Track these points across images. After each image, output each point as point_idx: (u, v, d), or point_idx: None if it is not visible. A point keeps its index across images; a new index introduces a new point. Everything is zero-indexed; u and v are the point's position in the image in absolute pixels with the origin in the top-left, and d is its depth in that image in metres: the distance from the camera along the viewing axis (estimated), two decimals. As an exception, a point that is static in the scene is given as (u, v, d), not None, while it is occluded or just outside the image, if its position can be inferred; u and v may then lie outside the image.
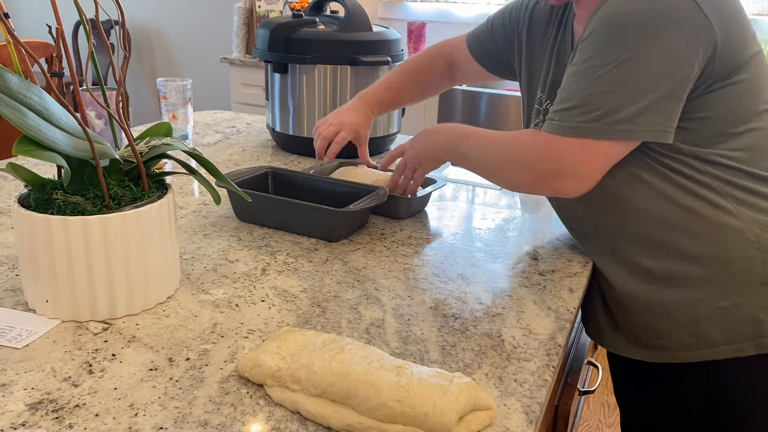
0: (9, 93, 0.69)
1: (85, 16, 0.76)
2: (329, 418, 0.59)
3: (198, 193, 1.25)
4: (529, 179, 0.90)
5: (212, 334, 0.76)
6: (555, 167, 0.86)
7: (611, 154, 0.85)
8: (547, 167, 0.87)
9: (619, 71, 0.81)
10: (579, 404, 1.28)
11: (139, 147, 0.80)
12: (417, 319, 0.81)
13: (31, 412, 0.61)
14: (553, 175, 0.87)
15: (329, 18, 1.51)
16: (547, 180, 0.87)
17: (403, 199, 1.12)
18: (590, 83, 0.83)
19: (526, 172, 0.90)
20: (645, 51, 0.80)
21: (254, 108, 3.18)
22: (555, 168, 0.86)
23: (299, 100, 1.47)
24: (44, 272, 0.74)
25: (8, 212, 1.11)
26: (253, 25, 3.18)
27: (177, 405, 0.63)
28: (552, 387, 0.72)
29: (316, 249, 1.01)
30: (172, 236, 0.82)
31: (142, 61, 4.21)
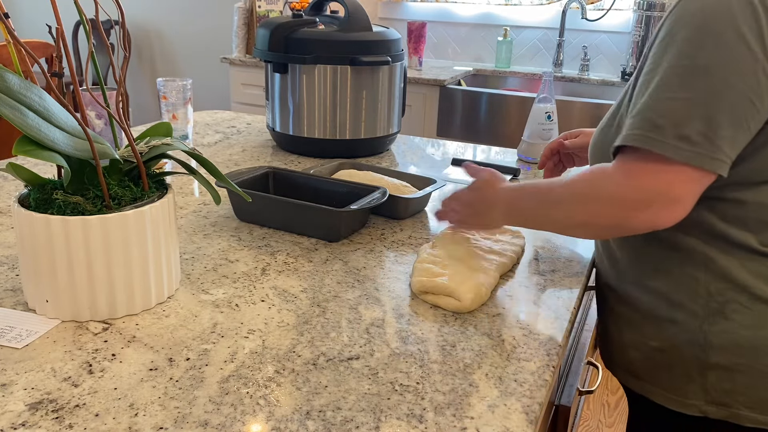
0: (9, 93, 0.69)
1: (85, 16, 0.76)
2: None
3: (198, 193, 1.25)
4: (613, 215, 0.77)
5: (212, 334, 0.76)
6: (643, 195, 0.75)
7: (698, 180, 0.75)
8: (634, 197, 0.75)
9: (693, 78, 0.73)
10: (579, 404, 1.28)
11: (139, 147, 0.80)
12: (417, 319, 0.81)
13: (31, 412, 0.61)
14: (643, 204, 0.75)
15: (329, 18, 1.51)
16: (639, 211, 0.75)
17: (403, 199, 1.12)
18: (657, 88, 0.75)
19: (608, 207, 0.77)
20: (719, 59, 0.72)
21: (254, 108, 3.18)
22: (643, 195, 0.75)
23: (299, 100, 1.47)
24: (44, 272, 0.74)
25: (8, 212, 1.11)
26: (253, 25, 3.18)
27: (177, 405, 0.63)
28: (552, 387, 0.72)
29: (316, 249, 1.01)
30: (172, 236, 0.82)
31: (142, 61, 4.21)
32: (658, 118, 0.74)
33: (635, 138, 0.75)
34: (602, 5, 3.07)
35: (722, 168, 0.74)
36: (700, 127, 0.72)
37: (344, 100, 1.46)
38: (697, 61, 0.73)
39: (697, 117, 0.72)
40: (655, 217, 0.75)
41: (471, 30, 3.36)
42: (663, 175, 0.74)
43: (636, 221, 0.76)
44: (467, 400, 0.66)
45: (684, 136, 0.72)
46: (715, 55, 0.72)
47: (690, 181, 0.74)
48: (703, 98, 0.72)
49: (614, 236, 0.90)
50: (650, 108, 0.75)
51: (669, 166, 0.74)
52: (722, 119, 0.72)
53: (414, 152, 1.61)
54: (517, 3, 3.23)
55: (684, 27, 0.75)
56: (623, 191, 0.76)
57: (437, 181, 1.21)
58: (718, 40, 0.72)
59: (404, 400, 0.66)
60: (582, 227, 0.83)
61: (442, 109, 2.84)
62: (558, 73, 3.05)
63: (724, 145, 0.73)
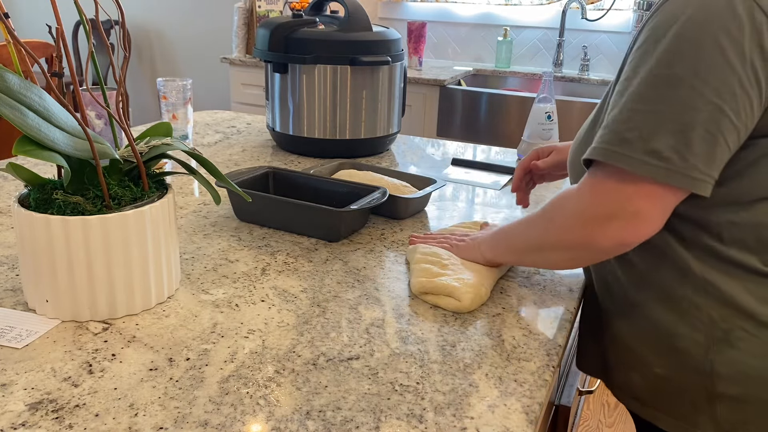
0: (9, 93, 0.69)
1: (85, 16, 0.76)
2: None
3: (198, 193, 1.25)
4: (578, 233, 0.75)
5: (212, 334, 0.76)
6: (606, 208, 0.72)
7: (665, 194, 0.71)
8: (597, 211, 0.73)
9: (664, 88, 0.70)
10: (579, 404, 1.28)
11: (139, 147, 0.80)
12: (417, 319, 0.81)
13: (31, 412, 0.61)
14: (606, 219, 0.72)
15: (329, 18, 1.51)
16: (601, 226, 0.72)
17: (403, 199, 1.12)
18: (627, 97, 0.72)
19: (574, 224, 0.75)
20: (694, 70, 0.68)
21: (254, 108, 3.18)
22: (606, 209, 0.72)
23: (299, 100, 1.47)
24: (44, 272, 0.74)
25: (8, 212, 1.11)
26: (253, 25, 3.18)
27: (177, 405, 0.63)
28: (552, 387, 0.72)
29: (316, 249, 1.01)
30: (172, 236, 0.82)
31: (142, 61, 4.21)
32: (627, 131, 0.70)
33: (602, 152, 0.72)
34: (602, 5, 3.07)
35: (698, 186, 0.69)
36: (671, 141, 0.68)
37: (344, 100, 1.46)
38: (672, 71, 0.69)
39: (668, 131, 0.68)
40: (620, 234, 0.72)
41: (471, 30, 3.36)
42: (624, 188, 0.71)
43: (601, 239, 0.73)
44: (467, 400, 0.66)
45: (653, 151, 0.69)
46: (690, 65, 0.68)
47: (654, 196, 0.70)
48: (675, 111, 0.69)
49: (588, 261, 0.82)
50: (620, 120, 0.72)
51: (633, 180, 0.70)
52: (695, 134, 0.68)
53: (414, 152, 1.61)
54: (517, 3, 3.23)
55: (661, 35, 0.71)
56: (584, 206, 0.74)
57: (437, 181, 1.21)
58: (695, 50, 0.68)
59: (404, 400, 0.66)
60: (556, 249, 0.80)
61: (442, 109, 2.84)
62: (558, 73, 3.05)
63: (699, 162, 0.69)
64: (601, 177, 0.73)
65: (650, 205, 0.71)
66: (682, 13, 0.69)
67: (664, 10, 0.72)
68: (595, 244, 0.74)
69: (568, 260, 0.82)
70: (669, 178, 0.69)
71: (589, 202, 0.74)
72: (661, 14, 0.72)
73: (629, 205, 0.71)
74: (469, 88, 2.90)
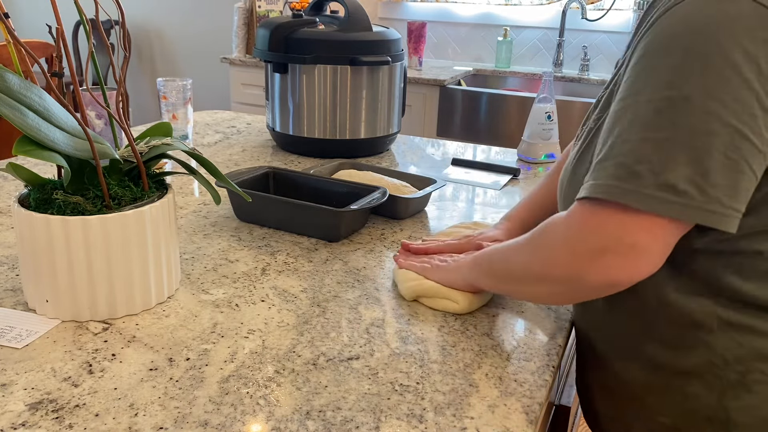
0: (9, 93, 0.69)
1: (85, 16, 0.76)
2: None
3: (198, 193, 1.25)
4: (564, 264, 0.66)
5: (212, 334, 0.76)
6: (597, 240, 0.63)
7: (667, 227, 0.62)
8: (587, 242, 0.64)
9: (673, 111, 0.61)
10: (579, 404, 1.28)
11: (139, 147, 0.80)
12: (417, 319, 0.81)
13: (31, 412, 0.61)
14: (598, 252, 0.63)
15: (329, 18, 1.51)
16: (591, 259, 0.64)
17: (403, 199, 1.12)
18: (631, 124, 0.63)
19: (561, 255, 0.66)
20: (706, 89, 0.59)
21: (254, 108, 3.18)
22: (598, 241, 0.63)
23: (299, 100, 1.47)
24: (44, 272, 0.74)
25: (8, 212, 1.11)
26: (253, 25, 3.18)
27: (177, 405, 0.63)
28: (552, 387, 0.72)
29: (316, 249, 1.01)
30: (172, 236, 0.82)
31: (142, 61, 4.21)
32: (636, 163, 0.61)
33: (608, 189, 0.62)
34: (602, 5, 3.07)
35: (723, 222, 0.60)
36: (687, 172, 0.59)
37: (344, 100, 1.46)
38: (680, 92, 0.60)
39: (682, 160, 0.60)
40: (612, 270, 0.63)
41: (471, 30, 3.36)
42: (622, 218, 0.62)
43: (591, 274, 0.64)
44: (467, 400, 0.66)
45: (668, 185, 0.60)
46: (701, 84, 0.59)
47: (655, 228, 0.62)
48: (688, 137, 0.60)
49: (574, 298, 0.74)
50: (625, 151, 0.62)
51: (633, 210, 0.62)
52: (713, 162, 0.59)
53: (414, 152, 1.61)
54: (517, 3, 3.23)
55: (664, 51, 0.62)
56: (574, 236, 0.65)
57: (437, 181, 1.21)
58: (705, 67, 0.59)
59: (404, 400, 0.66)
60: (540, 282, 0.70)
61: (442, 109, 2.84)
62: (558, 73, 3.05)
63: (720, 194, 0.60)
64: (595, 204, 0.64)
65: (651, 239, 0.62)
66: (686, 25, 0.61)
67: (663, 24, 0.63)
68: (583, 279, 0.65)
69: (551, 295, 0.72)
70: (688, 215, 0.60)
71: (579, 232, 0.65)
72: (660, 28, 0.64)
73: (626, 238, 0.62)
74: (469, 88, 2.90)
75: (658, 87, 0.62)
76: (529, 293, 0.76)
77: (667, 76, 0.61)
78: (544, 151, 1.51)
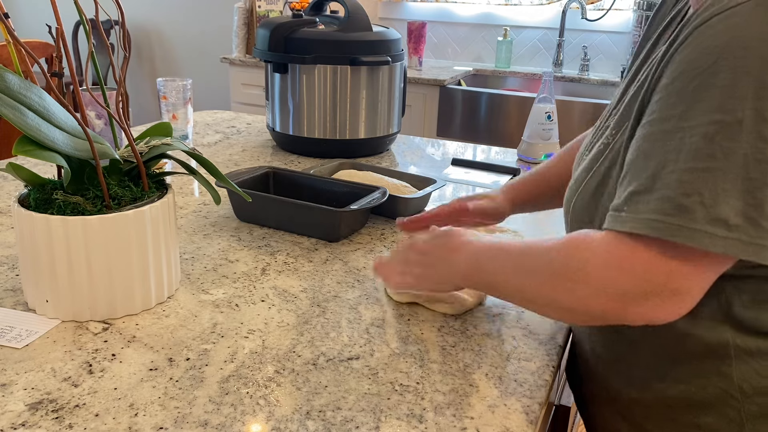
0: (9, 93, 0.69)
1: (85, 16, 0.76)
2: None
3: (198, 193, 1.25)
4: (600, 306, 0.61)
5: (212, 334, 0.76)
6: (639, 286, 0.59)
7: (711, 266, 0.59)
8: (627, 287, 0.59)
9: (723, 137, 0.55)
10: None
11: (139, 147, 0.80)
12: (417, 319, 0.81)
13: (31, 412, 0.61)
14: (640, 297, 0.59)
15: (329, 18, 1.51)
16: (631, 304, 0.59)
17: (403, 199, 1.12)
18: (674, 152, 0.57)
19: (596, 296, 0.61)
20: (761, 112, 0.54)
21: (254, 108, 3.18)
22: (640, 287, 0.59)
23: (299, 100, 1.47)
24: (44, 272, 0.74)
25: (8, 212, 1.11)
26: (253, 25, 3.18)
27: (177, 405, 0.63)
28: (552, 387, 0.72)
29: (316, 249, 1.01)
30: (172, 236, 0.82)
31: (142, 61, 4.21)
32: (683, 196, 0.56)
33: (655, 225, 0.57)
34: (602, 5, 3.07)
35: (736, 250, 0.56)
36: (739, 204, 0.55)
37: (344, 100, 1.46)
38: (733, 116, 0.55)
39: (734, 192, 0.55)
40: (654, 313, 0.59)
41: (471, 30, 3.36)
42: (666, 261, 0.58)
43: (631, 316, 0.60)
44: (467, 400, 0.66)
45: (719, 219, 0.55)
46: (754, 106, 0.54)
47: (699, 269, 0.58)
48: (741, 166, 0.54)
49: (592, 324, 0.72)
50: (670, 183, 0.57)
51: (676, 251, 0.57)
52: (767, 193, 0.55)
53: (414, 152, 1.61)
54: (517, 3, 3.23)
55: (709, 68, 0.56)
56: (614, 277, 0.60)
57: (437, 181, 1.21)
58: (758, 87, 0.54)
59: (404, 400, 0.66)
60: (559, 310, 0.66)
61: (442, 109, 2.84)
62: (558, 73, 3.05)
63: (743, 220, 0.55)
64: (636, 241, 0.59)
65: (693, 281, 0.58)
66: (733, 40, 0.55)
67: (705, 37, 0.57)
68: (621, 319, 0.61)
69: (564, 317, 0.68)
70: (740, 251, 0.55)
71: (619, 274, 0.59)
72: (701, 41, 0.57)
73: (671, 283, 0.58)
74: (469, 88, 2.89)
75: (706, 111, 0.56)
76: (536, 310, 0.70)
77: (716, 98, 0.55)
78: (544, 151, 1.51)
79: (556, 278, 0.63)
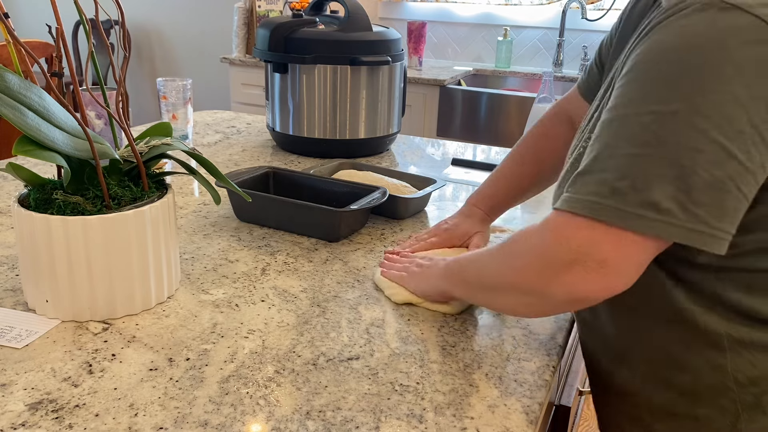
0: (9, 93, 0.69)
1: (85, 16, 0.76)
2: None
3: (198, 193, 1.25)
4: (534, 277, 0.64)
5: (212, 334, 0.76)
6: (567, 253, 0.61)
7: (642, 244, 0.60)
8: (556, 255, 0.62)
9: (659, 127, 0.58)
10: (579, 404, 1.28)
11: (139, 147, 0.80)
12: (417, 319, 0.81)
13: (31, 412, 0.61)
14: (566, 265, 0.61)
15: (329, 18, 1.51)
16: (558, 273, 0.61)
17: (403, 199, 1.12)
18: (617, 138, 0.61)
19: (531, 265, 0.64)
20: (694, 104, 0.57)
21: (254, 108, 3.18)
22: (567, 254, 0.61)
23: (299, 100, 1.47)
24: (44, 272, 0.74)
25: (8, 212, 1.11)
26: (253, 25, 3.18)
27: (177, 405, 0.63)
28: (552, 387, 0.72)
29: (316, 249, 1.01)
30: (172, 236, 0.82)
31: (142, 61, 4.21)
32: (618, 179, 0.59)
33: (589, 206, 0.60)
34: (602, 5, 3.07)
35: (708, 243, 0.58)
36: (670, 189, 0.57)
37: (344, 100, 1.46)
38: (668, 107, 0.58)
39: (666, 177, 0.57)
40: (578, 285, 0.61)
41: (471, 30, 3.36)
42: (593, 232, 0.60)
43: (556, 287, 0.62)
44: (467, 400, 0.66)
45: (650, 203, 0.58)
46: (689, 99, 0.57)
47: (628, 245, 0.59)
48: (673, 153, 0.57)
49: (544, 311, 0.72)
50: (608, 167, 0.60)
51: (607, 228, 0.59)
52: (698, 180, 0.57)
53: (414, 152, 1.61)
54: (517, 3, 3.23)
55: (654, 63, 0.60)
56: (545, 247, 0.63)
57: (437, 181, 1.21)
58: (694, 81, 0.57)
59: (404, 400, 0.66)
60: (510, 291, 0.69)
61: (442, 109, 2.84)
62: (558, 73, 3.05)
63: (706, 214, 0.57)
64: (570, 217, 0.62)
65: (622, 257, 0.60)
66: (679, 39, 0.59)
67: (656, 36, 0.61)
68: (548, 292, 0.63)
69: (520, 305, 0.70)
70: (669, 233, 0.58)
71: (550, 244, 0.63)
72: (653, 40, 0.61)
73: (596, 254, 0.60)
74: (469, 88, 2.89)
75: (647, 101, 0.60)
76: (500, 303, 0.73)
77: (656, 90, 0.59)
78: (544, 151, 1.51)
79: (502, 259, 0.70)
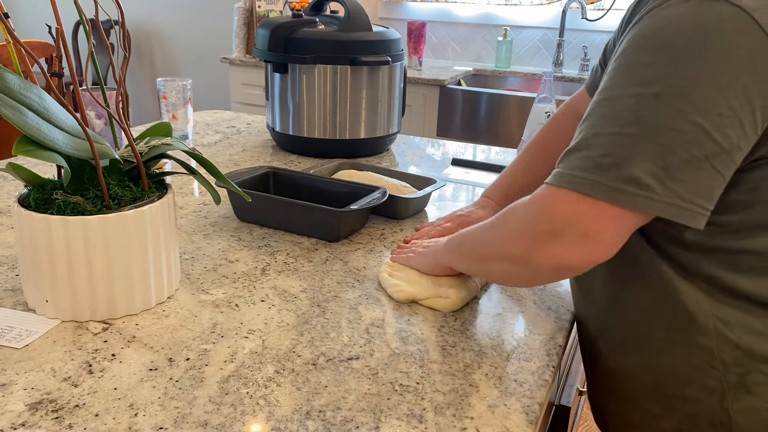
0: (9, 93, 0.69)
1: (85, 16, 0.76)
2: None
3: (198, 193, 1.25)
4: (521, 246, 0.68)
5: (212, 334, 0.76)
6: (551, 224, 0.65)
7: (622, 217, 0.64)
8: (541, 225, 0.66)
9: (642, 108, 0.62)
10: (579, 404, 1.28)
11: (139, 147, 0.80)
12: (417, 319, 0.81)
13: (31, 412, 0.61)
14: (550, 235, 0.65)
15: (329, 18, 1.51)
16: (543, 243, 0.66)
17: (403, 199, 1.12)
18: (603, 118, 0.65)
19: (517, 234, 0.69)
20: (675, 86, 0.61)
21: (254, 108, 3.18)
22: (551, 225, 0.65)
23: (299, 100, 1.47)
24: (44, 272, 0.74)
25: (8, 212, 1.11)
26: (253, 25, 3.18)
27: (177, 405, 0.63)
28: (552, 387, 0.72)
29: (316, 249, 1.01)
30: (172, 236, 0.82)
31: (142, 61, 4.21)
32: (602, 156, 0.63)
33: (573, 180, 0.64)
34: (602, 5, 3.07)
35: (686, 217, 0.62)
36: (650, 166, 0.61)
37: (344, 100, 1.46)
38: (650, 90, 0.62)
39: (646, 155, 0.61)
40: (562, 255, 0.65)
41: (471, 30, 3.36)
42: (576, 204, 0.63)
43: (541, 256, 0.66)
44: (467, 400, 0.66)
45: (630, 178, 0.61)
46: (671, 82, 0.61)
47: (609, 217, 0.63)
48: (654, 133, 0.61)
49: (530, 280, 0.77)
50: (594, 144, 0.64)
51: (591, 201, 0.63)
52: (676, 158, 0.60)
53: (414, 152, 1.61)
54: (517, 3, 3.23)
55: (641, 48, 0.64)
56: (531, 217, 0.67)
57: (437, 181, 1.21)
58: (676, 65, 0.60)
59: (404, 400, 0.66)
60: (499, 260, 0.73)
61: (442, 109, 2.84)
62: (558, 73, 3.05)
63: (683, 189, 0.61)
64: (557, 190, 0.65)
65: (603, 228, 0.63)
66: (665, 26, 0.63)
67: (645, 24, 0.65)
68: (534, 260, 0.67)
69: (507, 274, 0.74)
70: (648, 207, 0.62)
71: (536, 214, 0.67)
72: (642, 27, 0.65)
73: (579, 226, 0.64)
74: (469, 88, 2.89)
75: (631, 84, 0.63)
76: (492, 272, 0.77)
77: (641, 73, 0.63)
78: (544, 151, 1.51)
79: (493, 229, 0.74)
